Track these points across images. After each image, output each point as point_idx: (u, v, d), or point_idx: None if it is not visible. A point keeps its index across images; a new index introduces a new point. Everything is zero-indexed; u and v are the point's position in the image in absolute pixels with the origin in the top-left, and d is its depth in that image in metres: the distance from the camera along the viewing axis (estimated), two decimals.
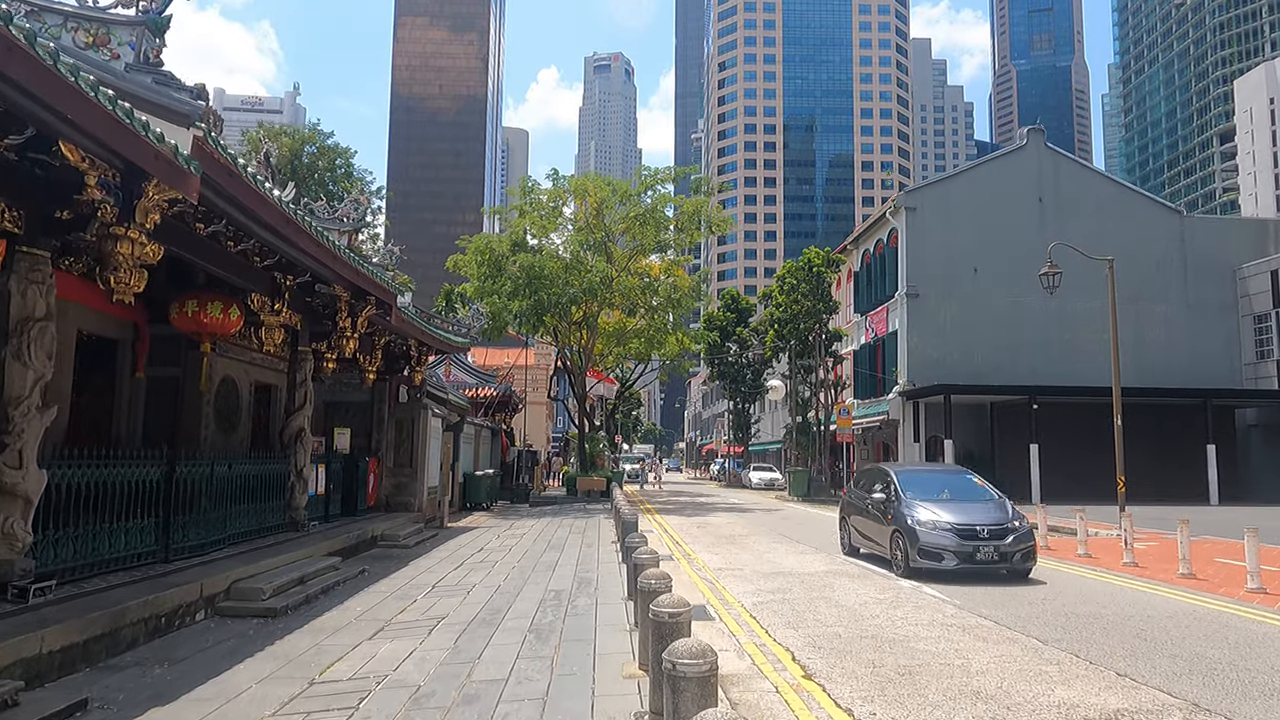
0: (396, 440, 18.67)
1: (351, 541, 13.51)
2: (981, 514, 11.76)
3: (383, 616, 8.63)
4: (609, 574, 11.51)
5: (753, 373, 50.85)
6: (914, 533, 11.49)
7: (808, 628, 8.32)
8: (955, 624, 8.51)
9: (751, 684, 6.25)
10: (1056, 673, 6.55)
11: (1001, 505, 12.19)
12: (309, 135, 45.31)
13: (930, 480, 13.39)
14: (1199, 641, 7.78)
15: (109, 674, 6.35)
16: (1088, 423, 31.20)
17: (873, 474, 14.39)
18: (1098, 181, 38.69)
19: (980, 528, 11.36)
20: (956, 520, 11.49)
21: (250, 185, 8.44)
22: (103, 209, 7.04)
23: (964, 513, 11.74)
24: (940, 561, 11.20)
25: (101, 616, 6.76)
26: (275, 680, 6.26)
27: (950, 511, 11.74)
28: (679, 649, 3.89)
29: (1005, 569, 11.26)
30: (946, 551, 11.22)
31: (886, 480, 13.17)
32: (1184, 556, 11.88)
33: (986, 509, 12.00)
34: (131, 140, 6.25)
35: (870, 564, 13.18)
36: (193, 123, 7.18)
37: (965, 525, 11.40)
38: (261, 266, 11.53)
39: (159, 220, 7.70)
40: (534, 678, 6.24)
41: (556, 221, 34.88)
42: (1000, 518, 11.67)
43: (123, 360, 12.42)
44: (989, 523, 11.49)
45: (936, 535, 11.34)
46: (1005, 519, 11.64)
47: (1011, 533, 11.40)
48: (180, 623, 7.99)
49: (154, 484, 9.06)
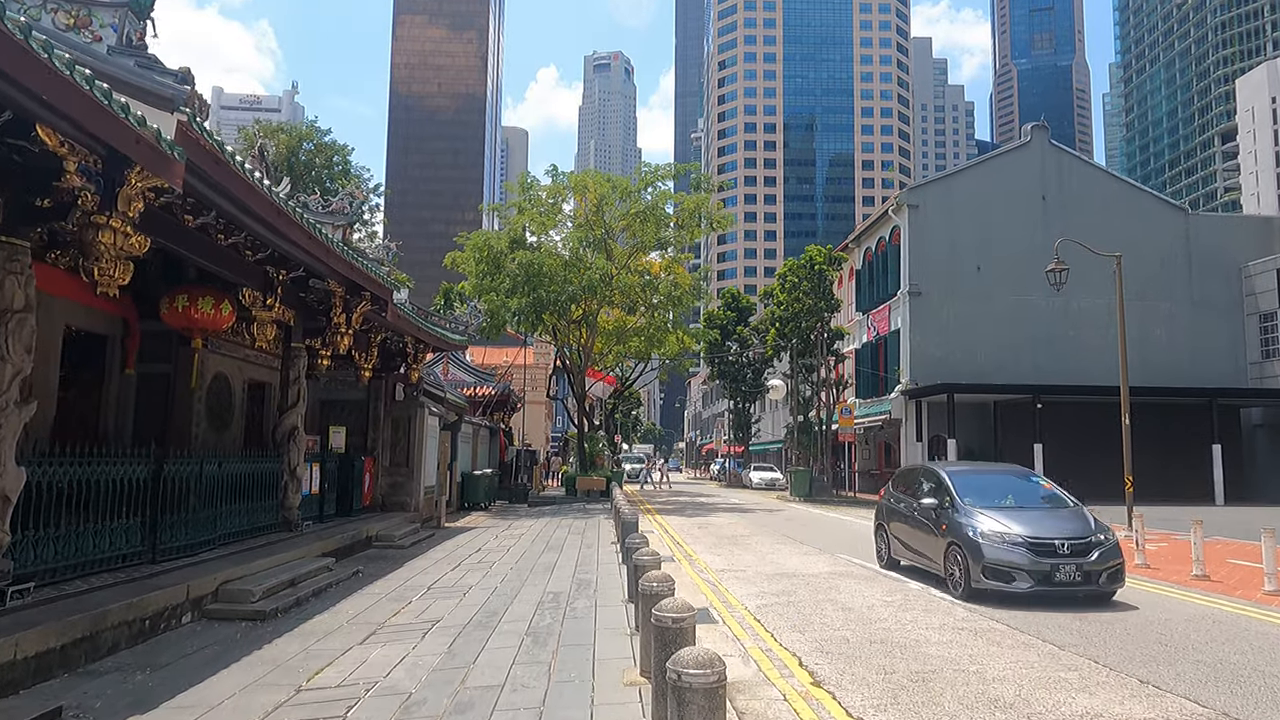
0: (393, 439, 18.40)
1: (346, 542, 13.24)
2: (1058, 524, 9.93)
3: (375, 619, 8.36)
4: (609, 575, 11.24)
5: (753, 372, 50.58)
6: (977, 547, 9.65)
7: (814, 631, 8.06)
8: (966, 628, 8.24)
9: (758, 692, 5.98)
10: (1076, 680, 6.28)
11: (1079, 514, 10.37)
12: (306, 132, 45.04)
13: (990, 483, 11.43)
14: (1221, 646, 7.52)
15: (87, 680, 6.09)
16: (1092, 422, 30.98)
17: (918, 474, 12.48)
18: (1102, 179, 38.39)
19: (1059, 542, 9.50)
20: (1030, 532, 9.61)
21: (238, 174, 8.17)
22: (83, 196, 6.77)
23: (1037, 523, 9.90)
24: (1009, 583, 9.36)
25: (81, 620, 6.50)
26: (260, 687, 5.99)
27: (1021, 521, 9.86)
28: (684, 658, 3.62)
29: (1088, 591, 9.44)
30: (1018, 571, 9.34)
31: (937, 482, 11.33)
32: (1198, 558, 11.59)
33: (1063, 518, 10.19)
34: (111, 123, 5.98)
35: (914, 578, 11.46)
36: (177, 107, 6.91)
37: (1041, 539, 9.54)
38: (253, 260, 11.27)
39: (143, 209, 7.44)
40: (531, 685, 5.97)
41: (556, 218, 34.60)
42: (1081, 529, 9.83)
43: (112, 356, 12.17)
44: (1069, 535, 9.63)
45: (1005, 551, 9.48)
46: (1087, 531, 9.79)
47: (1096, 548, 9.55)
48: (165, 626, 7.72)
49: (140, 483, 8.79)
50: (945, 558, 10.32)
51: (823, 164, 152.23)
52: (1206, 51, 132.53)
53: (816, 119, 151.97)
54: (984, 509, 10.21)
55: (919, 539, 11.36)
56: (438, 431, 20.66)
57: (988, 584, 9.50)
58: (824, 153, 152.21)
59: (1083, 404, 31.79)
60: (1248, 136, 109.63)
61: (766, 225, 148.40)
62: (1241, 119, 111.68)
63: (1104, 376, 30.66)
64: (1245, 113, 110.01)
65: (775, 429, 58.06)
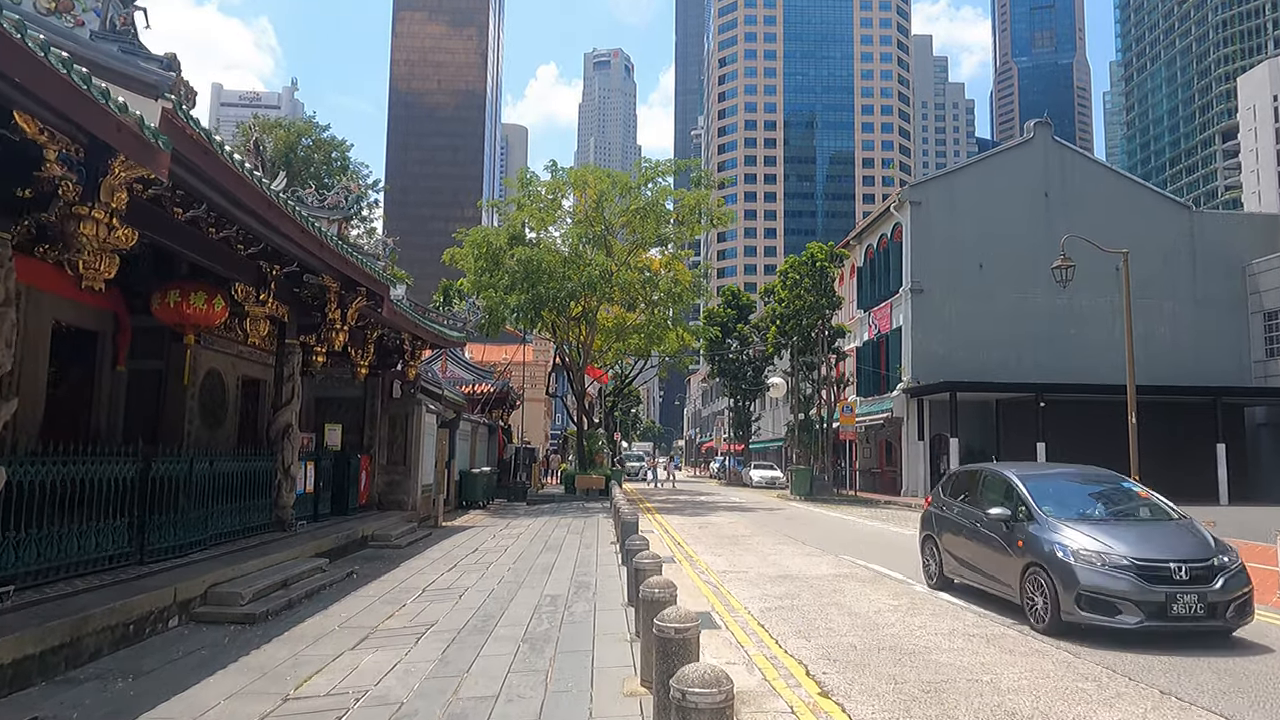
0: (390, 437, 18.17)
1: (341, 542, 13.01)
2: (1169, 543, 8.06)
3: (368, 623, 8.13)
4: (608, 577, 11.01)
5: (753, 370, 50.37)
6: (1069, 570, 7.81)
7: (820, 638, 7.82)
8: (978, 634, 8.00)
9: (764, 703, 5.74)
10: (1095, 691, 6.04)
11: (1191, 529, 8.51)
12: (304, 127, 44.74)
13: (1071, 489, 9.54)
14: (1239, 654, 7.28)
15: (66, 688, 5.86)
16: (1095, 420, 30.72)
17: (978, 479, 10.50)
18: (1105, 175, 38.15)
19: (1175, 565, 7.62)
20: (1137, 553, 7.76)
21: (228, 165, 7.92)
22: (64, 186, 6.54)
23: (1143, 541, 8.05)
24: (1112, 616, 7.55)
25: (61, 625, 6.27)
26: (246, 696, 5.77)
27: (1122, 539, 8.03)
28: (690, 676, 3.39)
29: (1211, 628, 7.60)
30: (1124, 601, 7.52)
31: (1007, 488, 9.44)
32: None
33: (1172, 535, 8.32)
34: (90, 109, 5.74)
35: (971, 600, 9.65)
36: (161, 94, 6.66)
37: (1152, 561, 7.67)
38: (246, 255, 11.03)
39: (130, 201, 7.21)
40: (527, 695, 5.73)
41: (555, 214, 34.31)
42: (1198, 549, 7.95)
43: (103, 352, 11.96)
44: (1185, 557, 7.75)
45: (1107, 576, 7.64)
46: (1207, 551, 7.91)
47: (1220, 573, 7.67)
48: (151, 630, 7.49)
49: (128, 482, 8.55)
50: (1023, 581, 8.48)
51: (823, 162, 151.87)
52: (1207, 49, 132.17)
53: (817, 117, 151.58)
54: (1071, 522, 8.45)
55: (984, 556, 9.52)
56: (435, 429, 20.44)
57: (1083, 616, 7.65)
58: (824, 151, 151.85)
59: (1086, 402, 31.55)
60: (1249, 135, 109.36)
61: (766, 223, 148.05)
62: (1243, 117, 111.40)
63: (1107, 375, 30.42)
64: (1246, 111, 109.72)
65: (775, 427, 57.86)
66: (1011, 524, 8.90)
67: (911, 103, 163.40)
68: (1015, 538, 8.76)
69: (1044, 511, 8.68)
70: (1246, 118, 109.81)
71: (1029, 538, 8.53)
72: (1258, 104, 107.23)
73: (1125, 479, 10.12)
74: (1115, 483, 9.91)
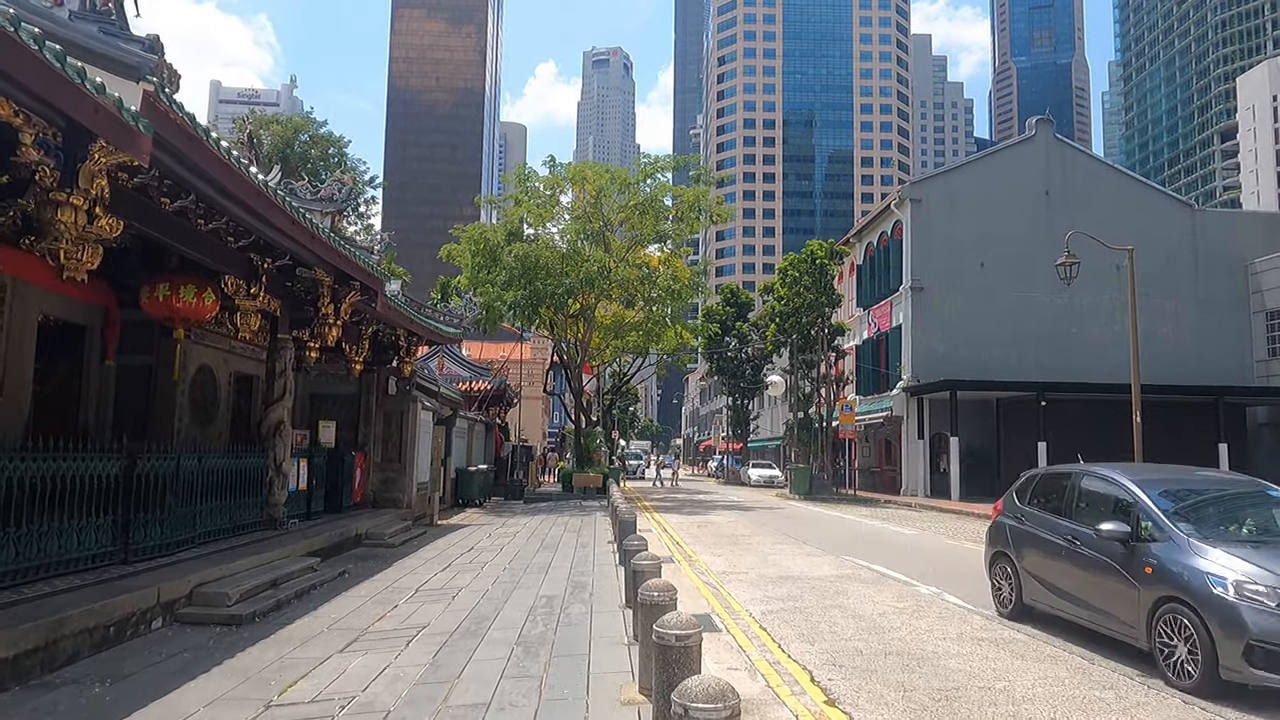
0: (385, 434, 17.92)
1: (333, 540, 12.76)
2: None
3: (358, 625, 7.89)
4: (605, 578, 10.77)
5: (752, 368, 50.17)
6: (1232, 611, 5.84)
7: (824, 641, 7.58)
8: (986, 638, 7.76)
9: (768, 712, 5.50)
10: (1114, 699, 5.81)
11: None
12: (301, 123, 44.47)
13: (1208, 501, 7.52)
14: None
15: (41, 693, 5.61)
16: (1097, 419, 30.46)
17: (1074, 483, 8.29)
18: (1106, 173, 37.92)
19: None
20: None
21: (214, 152, 7.67)
22: (41, 171, 6.28)
23: None
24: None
25: (36, 627, 6.02)
26: (228, 701, 5.53)
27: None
28: (693, 690, 3.15)
29: None
30: None
31: (1119, 497, 7.49)
32: None
33: None
34: (64, 89, 5.48)
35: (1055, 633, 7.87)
36: (143, 76, 6.40)
37: None
38: (236, 247, 10.78)
39: (110, 188, 6.95)
40: (519, 703, 5.49)
41: (553, 210, 34.06)
42: None
43: (91, 347, 11.68)
44: None
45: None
46: None
47: None
48: (133, 632, 7.25)
49: (112, 479, 8.31)
50: (1153, 620, 6.51)
51: (822, 161, 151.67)
52: (1207, 50, 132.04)
53: (816, 115, 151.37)
54: (1219, 543, 6.47)
55: (1087, 584, 7.46)
56: (431, 426, 20.19)
57: (1257, 676, 5.64)
58: (823, 149, 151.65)
59: (1087, 401, 31.32)
60: (1248, 135, 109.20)
61: (765, 222, 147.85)
62: (1242, 117, 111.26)
63: (1109, 373, 30.21)
64: (1245, 111, 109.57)
65: (774, 425, 57.65)
66: (1132, 544, 6.92)
67: (910, 102, 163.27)
68: (1140, 563, 6.77)
69: (1180, 529, 6.70)
70: (1245, 118, 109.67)
71: (1161, 563, 6.56)
72: (1257, 104, 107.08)
73: (1270, 485, 7.77)
74: (1258, 489, 7.67)
